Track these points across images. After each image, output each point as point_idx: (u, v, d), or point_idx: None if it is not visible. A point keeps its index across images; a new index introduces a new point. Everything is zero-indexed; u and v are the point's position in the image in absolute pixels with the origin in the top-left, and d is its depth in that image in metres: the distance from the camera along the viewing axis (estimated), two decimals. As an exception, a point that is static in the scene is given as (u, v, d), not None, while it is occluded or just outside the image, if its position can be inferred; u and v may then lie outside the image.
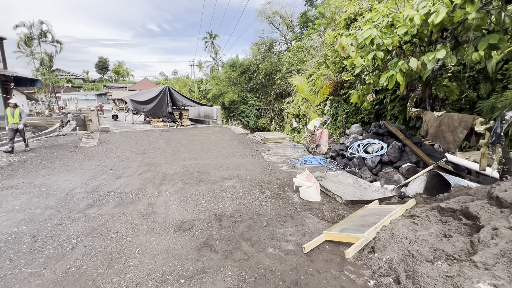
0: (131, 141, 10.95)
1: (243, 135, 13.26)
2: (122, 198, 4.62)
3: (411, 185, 4.47)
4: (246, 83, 39.03)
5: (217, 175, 6.04)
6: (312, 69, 16.23)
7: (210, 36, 51.04)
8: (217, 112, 17.82)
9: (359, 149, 6.17)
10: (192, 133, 13.69)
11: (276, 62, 36.52)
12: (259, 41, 38.14)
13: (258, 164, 7.10)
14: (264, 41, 38.32)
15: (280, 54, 39.70)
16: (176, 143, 10.56)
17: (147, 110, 17.23)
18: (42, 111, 31.48)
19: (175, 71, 65.82)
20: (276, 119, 38.49)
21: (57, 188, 5.16)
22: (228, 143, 10.70)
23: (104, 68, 63.51)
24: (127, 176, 6.00)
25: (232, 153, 8.58)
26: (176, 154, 8.48)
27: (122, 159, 7.66)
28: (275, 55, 39.17)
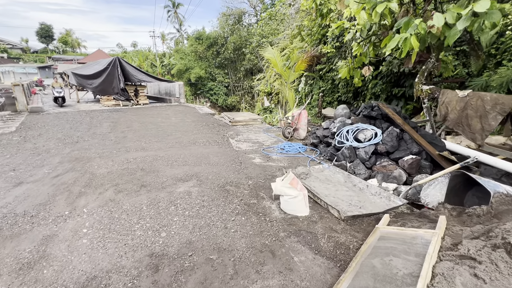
0: (66, 125, 8.64)
1: (209, 116, 11.48)
2: (1, 228, 2.86)
3: (428, 189, 3.34)
4: (214, 58, 36.15)
5: (169, 175, 4.43)
6: (285, 42, 14.56)
7: (173, 4, 45.80)
8: (179, 89, 15.57)
9: (349, 137, 4.93)
10: (149, 113, 11.55)
11: (246, 36, 34.05)
12: (227, 12, 34.90)
13: (224, 156, 5.59)
14: (233, 11, 35.18)
15: (250, 27, 37.11)
16: (125, 127, 8.52)
17: (95, 86, 14.38)
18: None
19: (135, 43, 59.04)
20: (246, 97, 36.77)
21: None
22: (190, 126, 8.93)
23: (47, 37, 54.15)
24: (33, 181, 4.12)
25: (193, 140, 6.91)
26: (121, 142, 6.58)
27: (40, 153, 5.61)
28: (245, 28, 36.47)
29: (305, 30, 11.91)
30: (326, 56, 10.53)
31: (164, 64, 38.21)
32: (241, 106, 34.09)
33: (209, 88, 35.04)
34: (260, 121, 9.95)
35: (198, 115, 11.34)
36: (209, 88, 35.09)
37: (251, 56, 27.71)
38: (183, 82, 28.24)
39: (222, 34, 34.35)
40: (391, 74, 8.07)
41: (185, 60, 34.55)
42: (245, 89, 36.09)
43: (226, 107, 36.08)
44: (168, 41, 49.07)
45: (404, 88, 7.88)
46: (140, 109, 12.91)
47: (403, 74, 7.76)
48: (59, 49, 55.91)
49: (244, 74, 35.85)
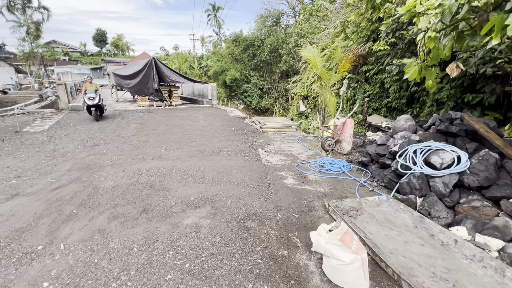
0: (95, 125, 8.43)
1: (239, 120, 10.64)
2: None
3: None
4: (250, 60, 35.72)
5: (179, 196, 3.56)
6: (325, 42, 13.18)
7: (213, 8, 46.62)
8: (212, 90, 15.05)
9: (417, 159, 3.59)
10: (178, 115, 11.09)
11: (283, 37, 33.05)
12: (264, 14, 34.24)
13: (250, 172, 4.59)
14: (271, 13, 34.42)
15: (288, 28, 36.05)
16: (151, 129, 8.02)
17: (131, 86, 14.51)
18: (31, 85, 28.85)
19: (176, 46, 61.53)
20: (281, 99, 35.69)
21: None
22: (217, 131, 8.13)
23: (102, 41, 59.13)
24: (29, 194, 3.54)
25: (217, 149, 6.05)
26: (140, 147, 5.97)
27: (55, 156, 5.18)
28: (282, 29, 35.50)
29: (350, 27, 10.47)
30: (375, 55, 9.00)
31: (202, 66, 38.83)
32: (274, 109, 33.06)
33: (244, 90, 34.67)
34: (295, 128, 8.80)
35: (227, 119, 10.56)
36: (244, 90, 34.72)
37: (287, 58, 26.56)
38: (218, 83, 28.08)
39: (259, 36, 33.79)
40: (463, 76, 6.36)
41: (221, 62, 34.64)
42: (279, 91, 35.04)
43: (259, 110, 35.38)
44: (207, 44, 50.04)
45: (482, 95, 6.13)
46: (171, 110, 12.59)
47: (482, 76, 6.03)
48: (110, 52, 60.62)
49: (279, 76, 34.86)
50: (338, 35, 12.10)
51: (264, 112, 35.95)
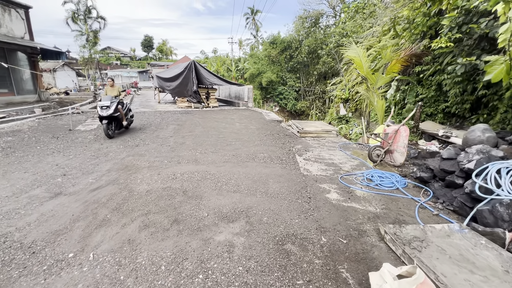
0: (137, 125, 8.76)
1: (275, 123, 10.27)
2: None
3: None
4: (287, 62, 35.26)
5: (212, 206, 3.31)
6: (371, 41, 12.19)
7: (251, 11, 47.12)
8: (248, 92, 14.94)
9: (504, 182, 2.84)
10: (215, 117, 11.12)
11: (322, 38, 31.97)
12: (303, 15, 33.51)
13: (288, 182, 4.18)
14: (310, 14, 33.56)
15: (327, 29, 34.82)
16: (188, 131, 8.06)
17: (172, 88, 15.08)
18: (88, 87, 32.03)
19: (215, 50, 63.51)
20: (317, 102, 34.56)
21: None
22: (252, 134, 7.86)
23: (149, 46, 63.84)
24: (70, 194, 3.60)
25: (253, 154, 5.75)
26: (176, 150, 5.94)
27: (98, 156, 5.36)
28: (321, 30, 34.39)
29: (401, 24, 9.47)
30: (432, 54, 7.94)
31: (239, 69, 39.37)
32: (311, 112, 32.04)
33: (279, 92, 34.29)
34: (335, 133, 8.14)
35: (263, 122, 10.26)
36: (279, 92, 34.34)
37: (327, 59, 25.51)
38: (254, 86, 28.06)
39: (296, 37, 33.17)
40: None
41: (258, 65, 34.72)
42: (316, 94, 33.93)
43: (294, 112, 34.66)
44: (245, 46, 50.70)
45: None
46: (208, 112, 12.72)
47: None
48: (156, 56, 64.94)
49: (316, 78, 33.78)
50: (386, 33, 11.08)
51: (300, 115, 35.13)
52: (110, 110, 6.67)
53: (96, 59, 33.66)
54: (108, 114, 6.63)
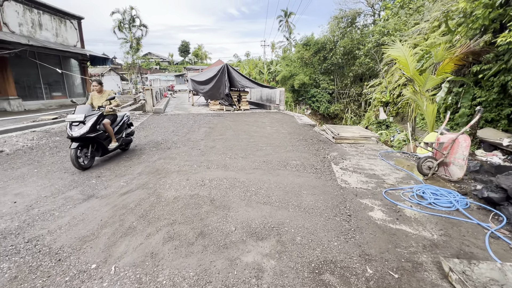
0: (171, 127, 8.94)
1: (308, 127, 9.79)
2: (16, 276, 2.14)
3: None
4: (320, 63, 34.26)
5: (240, 219, 3.05)
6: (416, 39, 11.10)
7: (285, 14, 46.80)
8: (280, 95, 14.61)
9: None
10: (246, 120, 10.97)
11: (359, 38, 30.51)
12: (339, 15, 32.29)
13: (324, 195, 3.77)
14: (346, 13, 32.25)
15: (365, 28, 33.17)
16: (219, 134, 7.99)
17: (205, 91, 15.37)
18: (130, 90, 34.38)
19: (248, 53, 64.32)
20: (352, 105, 33.02)
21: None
22: (284, 139, 7.51)
23: (185, 51, 66.94)
24: (101, 197, 3.61)
25: (284, 160, 5.41)
26: (206, 154, 5.84)
27: (132, 157, 5.45)
28: (357, 30, 32.85)
29: (455, 18, 8.41)
30: (495, 51, 6.87)
31: (271, 71, 39.22)
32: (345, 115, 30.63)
33: (312, 95, 33.40)
34: (375, 140, 7.44)
35: (295, 126, 9.84)
36: (312, 95, 33.46)
37: (365, 59, 24.18)
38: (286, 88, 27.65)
39: (331, 38, 32.07)
40: None
41: (290, 67, 34.23)
42: (351, 96, 32.43)
43: (327, 116, 33.48)
44: (277, 49, 50.50)
45: None
46: (239, 115, 12.65)
47: None
48: (192, 60, 67.81)
49: (352, 80, 32.30)
50: (435, 30, 9.99)
51: (333, 118, 33.84)
52: (84, 128, 4.48)
53: (138, 64, 36.05)
54: (79, 135, 4.41)
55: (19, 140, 6.54)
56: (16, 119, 9.39)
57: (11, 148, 5.84)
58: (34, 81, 12.79)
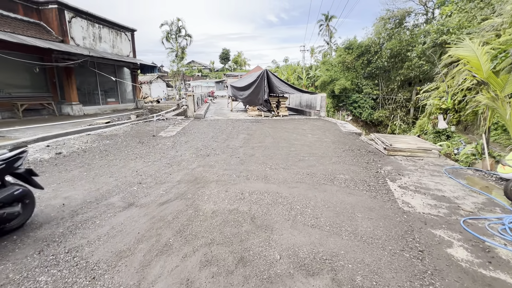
0: (210, 133, 8.93)
1: (353, 136, 8.98)
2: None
3: None
4: (363, 67, 32.40)
5: (286, 245, 2.64)
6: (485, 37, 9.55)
7: (326, 18, 45.52)
8: (321, 101, 13.88)
9: None
10: (285, 127, 10.54)
11: (408, 40, 28.20)
12: (385, 15, 30.24)
13: (383, 220, 3.17)
14: (393, 14, 30.09)
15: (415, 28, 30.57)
16: (258, 141, 7.70)
17: (244, 97, 15.35)
18: (174, 96, 36.45)
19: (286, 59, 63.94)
20: (399, 112, 30.48)
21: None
22: (328, 149, 6.91)
23: (226, 59, 69.25)
24: (140, 206, 3.50)
25: (331, 174, 4.86)
26: (245, 162, 5.56)
27: (172, 164, 5.41)
28: (407, 30, 30.39)
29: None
30: None
31: (310, 76, 38.26)
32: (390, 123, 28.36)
33: (353, 100, 31.62)
34: (436, 153, 6.41)
35: (339, 134, 9.11)
36: (353, 101, 31.67)
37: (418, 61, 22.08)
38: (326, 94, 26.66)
39: (376, 40, 30.11)
40: None
41: (330, 72, 32.93)
42: (398, 102, 29.91)
43: (370, 123, 31.36)
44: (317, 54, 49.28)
45: None
46: (278, 121, 12.27)
47: None
48: (231, 67, 69.83)
49: (399, 84, 29.84)
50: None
51: (376, 125, 31.56)
52: None
53: (182, 72, 38.12)
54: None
55: (75, 143, 7.04)
56: (76, 122, 10.31)
57: (67, 150, 6.28)
58: (93, 88, 14.09)
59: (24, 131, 8.14)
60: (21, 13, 10.94)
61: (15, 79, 10.95)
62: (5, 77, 10.53)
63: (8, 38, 8.55)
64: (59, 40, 11.66)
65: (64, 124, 9.82)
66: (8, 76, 10.66)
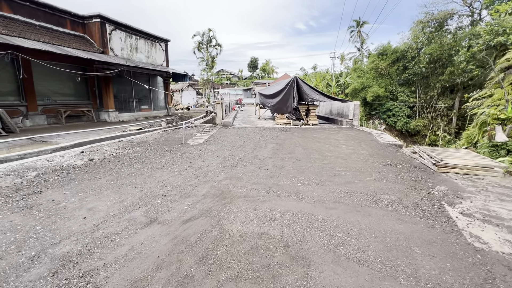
0: (238, 142, 8.66)
1: (393, 148, 8.12)
2: None
3: None
4: (399, 74, 30.56)
5: (327, 287, 2.14)
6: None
7: (357, 24, 44.07)
8: (354, 109, 13.03)
9: None
10: (316, 136, 9.94)
11: (451, 43, 26.07)
12: (424, 19, 28.37)
13: (449, 259, 2.52)
14: (433, 17, 28.12)
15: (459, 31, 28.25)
16: (287, 152, 7.23)
17: (272, 105, 15.01)
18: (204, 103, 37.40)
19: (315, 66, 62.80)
20: (440, 121, 28.12)
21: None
22: (366, 162, 6.22)
23: (254, 67, 70.10)
24: (163, 223, 3.22)
25: (373, 194, 4.23)
26: (275, 176, 5.12)
27: (198, 175, 5.15)
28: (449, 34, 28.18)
29: None
30: None
31: (340, 84, 36.97)
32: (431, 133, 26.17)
33: (387, 108, 29.78)
34: (500, 171, 5.42)
35: (376, 146, 8.30)
36: (387, 109, 29.82)
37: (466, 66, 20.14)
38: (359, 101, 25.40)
39: (414, 45, 28.24)
40: None
41: (362, 78, 31.47)
42: (438, 111, 27.55)
43: (406, 132, 29.22)
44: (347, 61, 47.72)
45: None
46: (308, 130, 11.68)
47: None
48: (259, 75, 70.42)
49: (440, 91, 27.57)
50: None
51: (413, 135, 29.33)
52: None
53: (211, 80, 39.08)
54: None
55: (108, 149, 7.16)
56: (111, 129, 10.72)
57: (99, 157, 6.36)
58: (129, 96, 14.75)
59: (64, 136, 8.56)
60: (68, 27, 11.83)
61: (61, 87, 11.78)
62: (52, 86, 11.36)
63: (55, 50, 9.17)
64: (100, 51, 12.38)
65: (100, 130, 10.23)
66: (55, 85, 11.50)
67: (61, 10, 11.33)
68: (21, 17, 9.82)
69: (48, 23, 10.82)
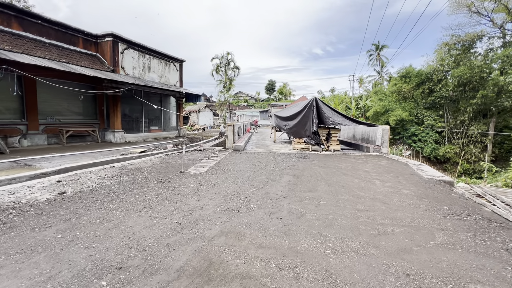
0: (247, 172, 7.18)
1: (442, 186, 6.26)
2: None
3: None
4: (424, 97, 28.45)
5: None
6: None
7: (376, 47, 43.02)
8: (383, 134, 11.28)
9: None
10: (340, 166, 8.26)
11: (482, 66, 24.03)
12: (450, 41, 26.68)
13: None
14: (460, 38, 26.37)
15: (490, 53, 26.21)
16: (307, 189, 5.63)
17: (289, 128, 13.59)
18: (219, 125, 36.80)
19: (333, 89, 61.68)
20: (472, 147, 25.35)
21: None
22: (417, 210, 4.47)
23: (271, 89, 70.14)
24: None
25: (451, 281, 2.51)
26: (292, 231, 3.52)
27: (185, 225, 3.66)
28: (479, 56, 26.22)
29: None
30: None
31: (359, 107, 35.18)
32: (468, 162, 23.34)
33: (412, 133, 27.40)
34: None
35: (420, 182, 6.47)
36: (412, 133, 27.45)
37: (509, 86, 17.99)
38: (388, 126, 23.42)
39: (440, 68, 26.37)
40: None
41: (384, 102, 29.59)
42: (470, 137, 24.86)
43: (435, 159, 26.46)
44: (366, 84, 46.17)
45: None
46: (329, 158, 10.02)
47: None
48: (276, 98, 70.15)
49: (471, 116, 25.05)
50: None
51: (443, 162, 26.48)
52: None
53: (228, 102, 38.76)
54: None
55: (91, 178, 5.94)
56: (112, 150, 9.69)
57: (74, 189, 5.11)
58: (138, 116, 14.00)
59: (54, 159, 7.53)
60: (80, 46, 11.44)
61: (67, 106, 11.16)
62: (58, 104, 10.74)
63: (56, 66, 8.50)
64: (110, 70, 11.82)
65: (99, 152, 9.21)
66: (61, 103, 10.88)
67: (73, 28, 11.00)
68: (30, 35, 9.42)
69: (59, 41, 10.42)
